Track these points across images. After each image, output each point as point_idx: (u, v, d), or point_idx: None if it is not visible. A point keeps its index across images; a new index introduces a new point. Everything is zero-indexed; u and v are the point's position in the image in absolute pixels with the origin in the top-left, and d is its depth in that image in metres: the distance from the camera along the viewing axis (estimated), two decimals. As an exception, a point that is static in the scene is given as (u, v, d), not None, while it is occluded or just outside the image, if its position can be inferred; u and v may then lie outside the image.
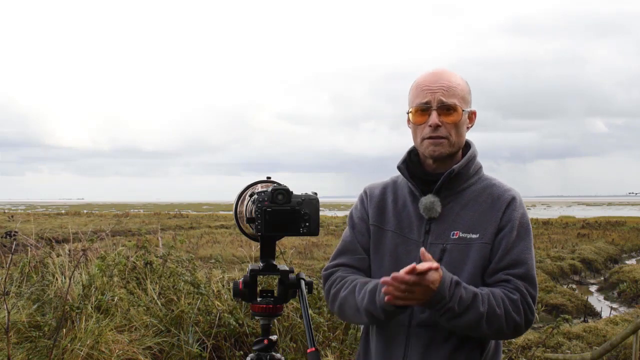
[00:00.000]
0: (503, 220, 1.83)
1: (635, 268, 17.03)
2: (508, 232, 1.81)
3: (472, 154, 1.91)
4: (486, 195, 1.88)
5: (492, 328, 1.73)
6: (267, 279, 4.57)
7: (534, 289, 1.80)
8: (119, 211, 66.39)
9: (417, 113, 1.87)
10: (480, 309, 1.71)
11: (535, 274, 1.83)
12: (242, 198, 1.96)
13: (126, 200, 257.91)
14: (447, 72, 1.90)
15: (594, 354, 6.19)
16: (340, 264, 1.97)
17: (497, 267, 1.80)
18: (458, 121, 1.85)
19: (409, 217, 1.91)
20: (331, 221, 37.85)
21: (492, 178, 1.94)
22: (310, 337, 1.59)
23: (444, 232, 1.85)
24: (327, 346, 4.74)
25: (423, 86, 1.87)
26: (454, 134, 1.85)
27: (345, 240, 2.00)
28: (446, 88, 1.84)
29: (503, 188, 1.89)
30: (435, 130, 1.84)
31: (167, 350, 4.50)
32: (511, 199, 1.86)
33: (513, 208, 1.84)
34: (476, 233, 1.82)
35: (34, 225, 10.28)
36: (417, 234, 1.88)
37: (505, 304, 1.74)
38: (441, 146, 1.85)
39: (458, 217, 1.85)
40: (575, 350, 8.20)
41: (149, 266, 5.33)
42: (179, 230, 30.08)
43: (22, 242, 6.43)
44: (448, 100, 1.83)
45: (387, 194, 1.99)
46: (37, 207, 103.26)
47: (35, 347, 4.08)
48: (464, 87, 1.90)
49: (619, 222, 39.42)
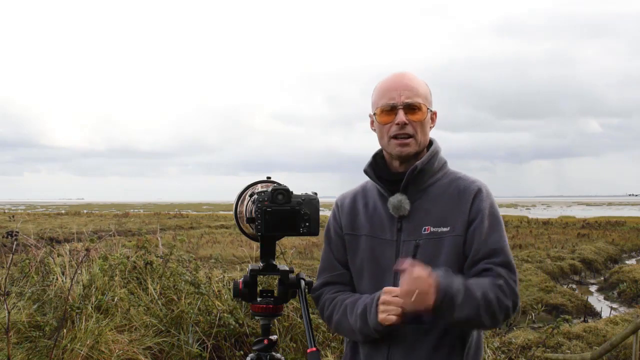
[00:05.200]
0: (472, 211, 1.87)
1: (635, 268, 17.02)
2: (479, 223, 1.85)
3: (434, 149, 1.95)
4: (453, 188, 1.92)
5: (489, 314, 1.77)
6: (267, 279, 4.58)
7: (515, 274, 1.85)
8: (118, 211, 66.39)
9: (382, 113, 1.92)
10: (476, 294, 1.74)
11: (512, 260, 1.87)
12: (242, 198, 1.97)
13: (126, 200, 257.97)
14: (409, 74, 1.96)
15: (594, 354, 6.19)
16: (324, 283, 2.03)
17: (475, 258, 1.84)
18: (424, 119, 1.91)
19: (380, 219, 1.95)
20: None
21: (457, 172, 1.99)
22: (310, 337, 1.60)
23: (416, 228, 1.89)
24: (327, 346, 4.74)
25: (388, 87, 1.93)
26: (420, 133, 1.90)
27: (323, 258, 2.07)
28: (410, 88, 1.90)
29: (469, 180, 1.94)
30: (402, 128, 1.89)
31: (167, 350, 4.50)
32: (477, 190, 1.90)
33: (480, 199, 1.88)
34: (447, 226, 1.86)
35: (34, 225, 10.30)
36: (390, 234, 1.92)
37: (494, 288, 1.78)
38: (408, 146, 1.90)
39: (427, 213, 1.89)
40: (575, 350, 8.20)
41: (149, 266, 5.33)
42: (179, 230, 30.10)
43: (22, 242, 6.43)
44: (414, 100, 1.89)
45: (358, 201, 2.04)
46: (37, 207, 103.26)
47: (35, 347, 4.08)
48: (426, 88, 1.96)
49: (619, 222, 39.41)
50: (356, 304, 1.90)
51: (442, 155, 1.99)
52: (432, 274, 1.70)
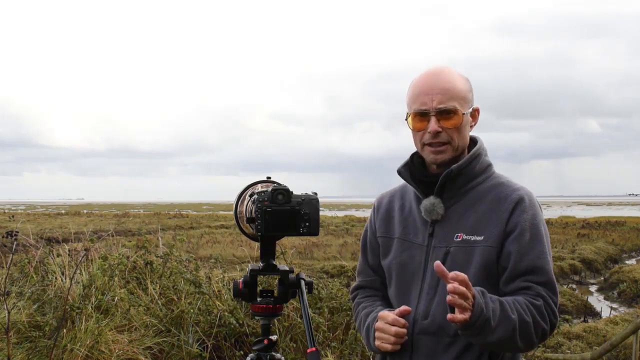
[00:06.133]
0: (510, 222, 1.72)
1: (635, 268, 17.02)
2: (518, 235, 1.70)
3: (477, 151, 1.80)
4: (493, 195, 1.77)
5: (524, 338, 1.64)
6: (267, 279, 4.58)
7: (555, 295, 1.72)
8: (118, 211, 66.38)
9: (415, 119, 1.78)
10: (511, 317, 1.62)
11: (554, 279, 1.74)
12: (242, 198, 1.96)
13: (126, 201, 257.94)
14: (446, 71, 1.80)
15: (594, 354, 6.19)
16: (358, 286, 2.05)
17: (513, 273, 1.71)
18: (459, 125, 1.76)
19: (414, 222, 1.86)
20: (331, 221, 37.84)
21: (502, 176, 1.84)
22: (310, 337, 1.59)
23: (448, 234, 1.77)
24: (327, 346, 4.74)
25: (420, 90, 1.78)
26: (456, 138, 1.77)
27: (359, 261, 2.06)
28: (444, 91, 1.75)
29: (511, 187, 1.78)
30: (435, 137, 1.76)
31: (167, 350, 4.50)
32: (519, 199, 1.74)
33: (522, 209, 1.73)
34: (480, 235, 1.73)
35: (34, 225, 10.30)
36: (422, 238, 1.82)
37: (532, 310, 1.66)
38: (443, 153, 1.77)
39: (462, 219, 1.77)
40: (575, 350, 8.19)
41: (149, 266, 5.33)
42: (179, 230, 30.09)
43: (22, 242, 6.43)
44: (447, 105, 1.74)
45: (395, 202, 1.96)
46: (37, 207, 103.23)
47: (35, 347, 4.08)
48: (463, 86, 1.79)
49: (619, 222, 39.40)
50: (367, 319, 1.87)
51: (486, 157, 1.83)
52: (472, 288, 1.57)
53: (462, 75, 1.82)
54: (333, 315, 5.17)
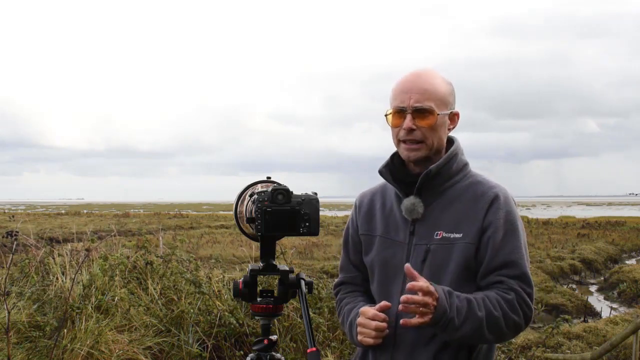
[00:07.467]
0: (486, 219, 1.79)
1: (635, 268, 17.02)
2: (493, 232, 1.78)
3: (453, 151, 1.87)
4: (470, 193, 1.84)
5: (493, 332, 1.73)
6: (267, 279, 4.58)
7: (530, 287, 1.78)
8: (118, 211, 66.38)
9: (394, 115, 1.86)
10: (478, 314, 1.70)
11: (528, 272, 1.80)
12: (242, 198, 1.96)
13: (126, 201, 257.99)
14: (428, 73, 1.87)
15: (594, 354, 6.19)
16: (340, 282, 2.10)
17: (487, 269, 1.78)
18: (433, 124, 1.82)
19: (395, 220, 1.92)
20: (331, 221, 37.84)
21: (478, 175, 1.91)
22: (310, 337, 1.59)
23: (428, 232, 1.84)
24: (327, 346, 4.74)
25: (401, 88, 1.86)
26: (431, 137, 1.83)
27: (341, 257, 2.11)
28: (423, 91, 1.82)
29: (487, 185, 1.86)
30: (409, 134, 1.83)
31: (167, 350, 4.50)
32: (494, 196, 1.81)
33: (497, 207, 1.80)
34: (459, 232, 1.80)
35: (34, 225, 10.30)
36: (403, 236, 1.88)
37: (502, 305, 1.73)
38: (417, 151, 1.84)
39: (441, 217, 1.84)
40: (575, 350, 8.19)
41: (149, 266, 5.33)
42: (179, 230, 30.09)
43: (22, 242, 6.43)
44: (424, 104, 1.81)
45: (376, 200, 2.02)
46: (37, 207, 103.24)
47: (35, 347, 4.08)
48: (443, 88, 1.86)
49: (619, 222, 39.39)
50: (350, 314, 1.94)
51: (463, 157, 1.90)
52: (434, 291, 1.67)
53: (445, 79, 1.89)
54: (333, 315, 5.17)
